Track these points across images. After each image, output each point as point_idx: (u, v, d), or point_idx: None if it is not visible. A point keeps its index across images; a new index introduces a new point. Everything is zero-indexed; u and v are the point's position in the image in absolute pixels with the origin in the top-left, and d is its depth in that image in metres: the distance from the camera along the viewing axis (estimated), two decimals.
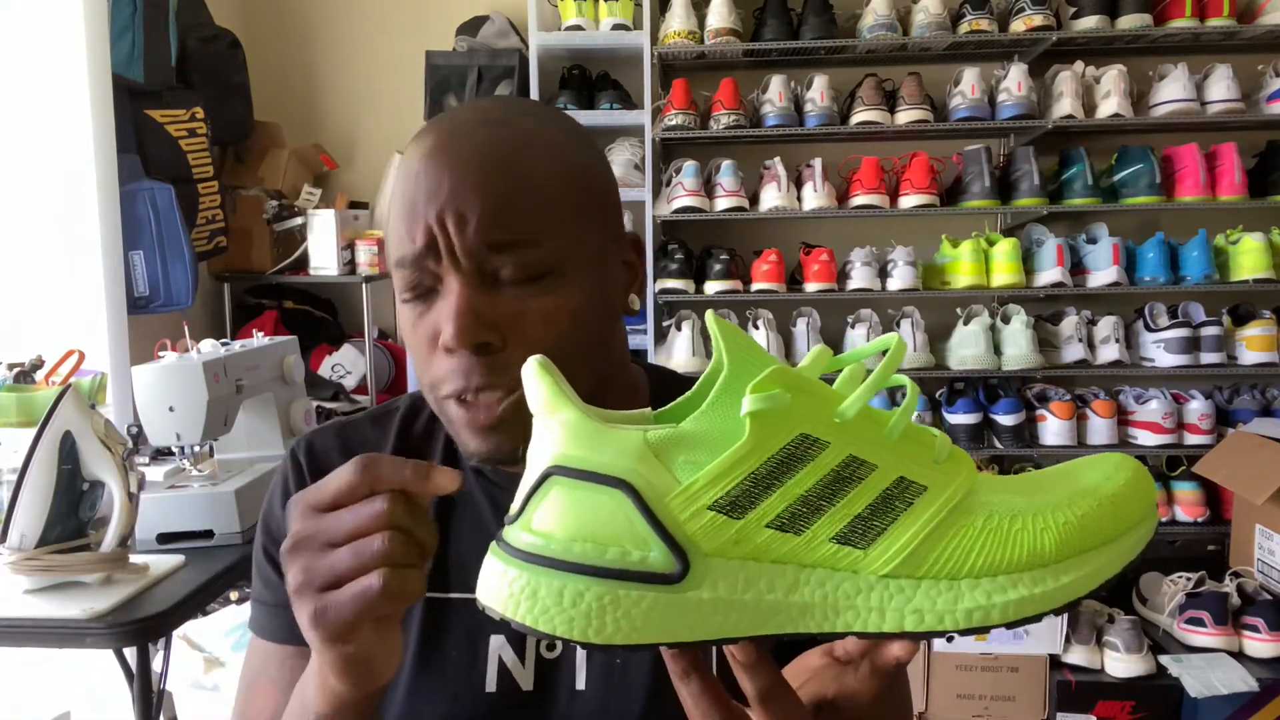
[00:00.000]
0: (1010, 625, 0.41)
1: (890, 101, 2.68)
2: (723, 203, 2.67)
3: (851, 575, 0.41)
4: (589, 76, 2.84)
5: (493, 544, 0.44)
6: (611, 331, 0.70)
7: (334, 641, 0.50)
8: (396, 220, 0.63)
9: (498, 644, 0.72)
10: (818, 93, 2.66)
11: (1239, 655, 2.08)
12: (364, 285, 2.81)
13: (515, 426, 0.62)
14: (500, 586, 0.42)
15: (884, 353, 0.45)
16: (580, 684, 0.71)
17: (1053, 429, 2.60)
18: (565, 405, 0.42)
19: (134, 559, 1.39)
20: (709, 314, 0.45)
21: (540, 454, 0.43)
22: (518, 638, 0.72)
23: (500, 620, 0.42)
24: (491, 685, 0.71)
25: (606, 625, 0.40)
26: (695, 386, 0.46)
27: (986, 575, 0.41)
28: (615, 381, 0.73)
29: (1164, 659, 2.08)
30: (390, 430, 0.79)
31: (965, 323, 2.70)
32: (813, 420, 0.41)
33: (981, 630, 0.41)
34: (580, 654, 0.71)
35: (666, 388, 0.79)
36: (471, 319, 0.60)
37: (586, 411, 0.43)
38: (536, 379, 0.44)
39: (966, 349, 2.65)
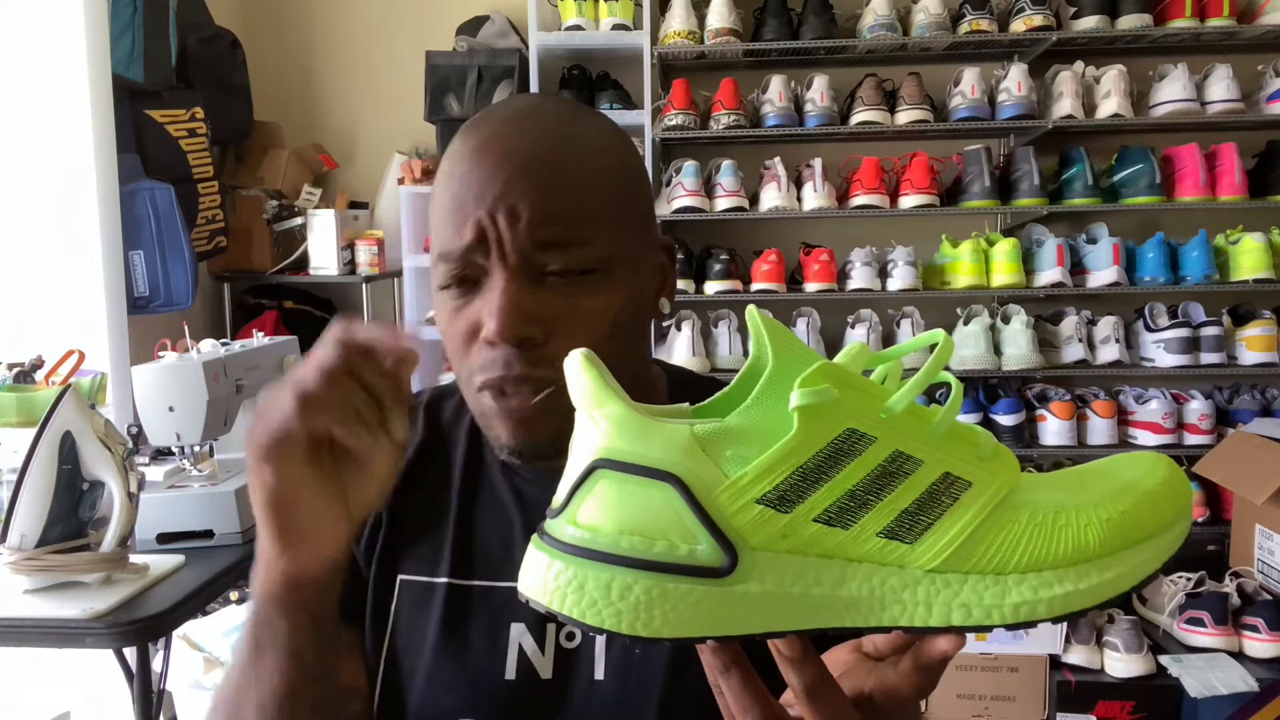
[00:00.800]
0: (1056, 620, 0.41)
1: (890, 101, 2.68)
2: (723, 203, 2.67)
3: (898, 570, 0.41)
4: (589, 76, 2.84)
5: (534, 537, 0.44)
6: (644, 333, 0.71)
7: (259, 461, 0.52)
8: (443, 218, 0.64)
9: (518, 632, 0.72)
10: (818, 93, 2.66)
11: (1239, 655, 2.08)
12: (364, 285, 2.81)
13: (550, 420, 0.62)
14: (545, 579, 0.42)
15: (911, 350, 0.45)
16: (599, 673, 0.71)
17: (1053, 429, 2.60)
18: (611, 398, 0.42)
19: (134, 559, 1.38)
20: (750, 309, 0.45)
21: (585, 447, 0.43)
22: (538, 627, 0.72)
23: (545, 613, 0.41)
24: (511, 673, 0.71)
25: (655, 618, 0.40)
26: (734, 382, 0.46)
27: (1032, 570, 0.41)
28: (641, 381, 0.74)
29: (1164, 659, 2.08)
30: (416, 422, 0.79)
31: (965, 323, 2.70)
32: (860, 415, 0.42)
33: (1028, 625, 0.41)
34: (599, 643, 0.71)
35: (685, 385, 0.80)
36: (515, 313, 0.61)
37: (632, 405, 0.43)
38: (581, 371, 0.43)
39: (966, 349, 2.65)
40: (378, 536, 0.76)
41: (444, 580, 0.74)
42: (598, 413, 0.42)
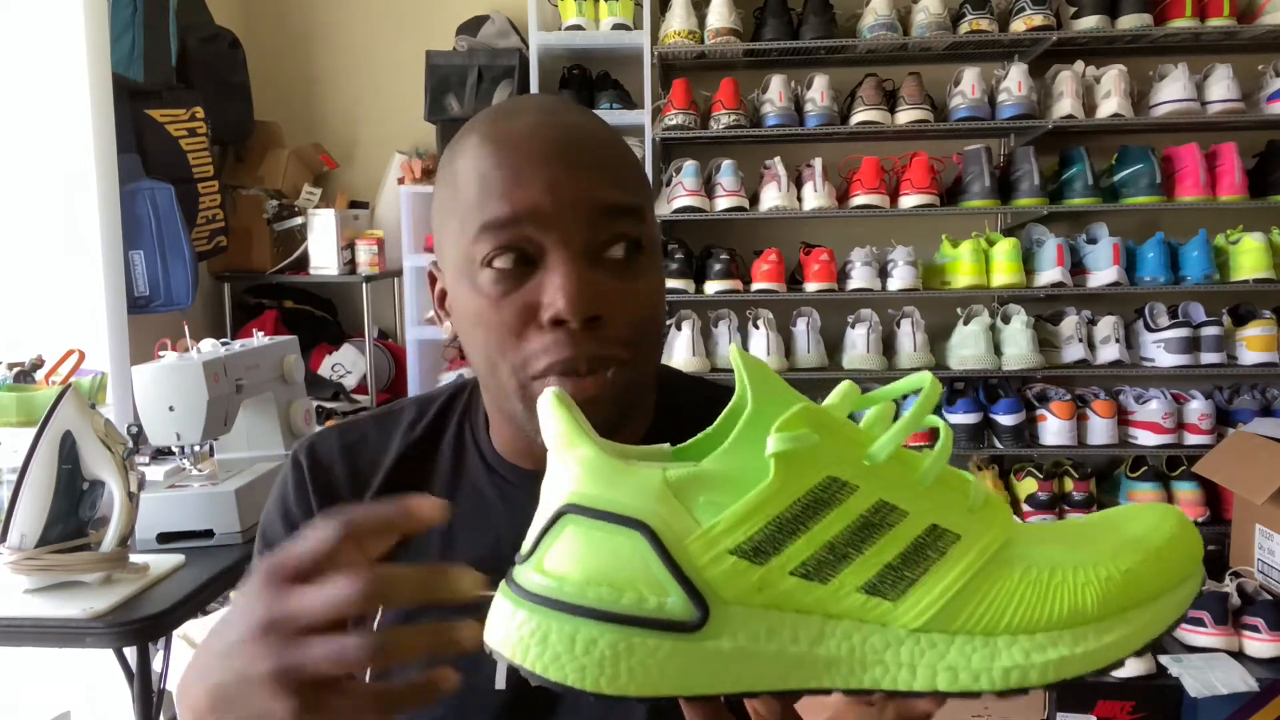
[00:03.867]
0: (1049, 687, 0.38)
1: (890, 101, 2.68)
2: (723, 203, 2.67)
3: (880, 628, 0.39)
4: (589, 76, 2.83)
5: (502, 584, 0.42)
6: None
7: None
8: (489, 189, 0.61)
9: None
10: (818, 93, 2.65)
11: (1239, 655, 2.08)
12: (364, 285, 2.81)
13: (619, 402, 0.63)
14: (509, 630, 0.39)
15: (902, 393, 0.43)
16: None
17: (1053, 429, 2.60)
18: (582, 440, 0.40)
19: (134, 559, 1.39)
20: (733, 348, 0.43)
21: (555, 491, 0.41)
22: None
23: (510, 667, 0.39)
24: (501, 683, 0.70)
25: (620, 675, 0.38)
26: (716, 423, 0.44)
27: (1024, 632, 0.38)
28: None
29: (1164, 659, 2.08)
30: (395, 432, 0.78)
31: (965, 323, 2.70)
32: (841, 462, 0.39)
33: (1019, 692, 0.38)
34: None
35: (674, 385, 0.80)
36: (589, 290, 0.60)
37: (604, 447, 0.41)
38: (553, 411, 0.42)
39: (966, 349, 2.65)
40: None
41: None
42: (568, 455, 0.40)
